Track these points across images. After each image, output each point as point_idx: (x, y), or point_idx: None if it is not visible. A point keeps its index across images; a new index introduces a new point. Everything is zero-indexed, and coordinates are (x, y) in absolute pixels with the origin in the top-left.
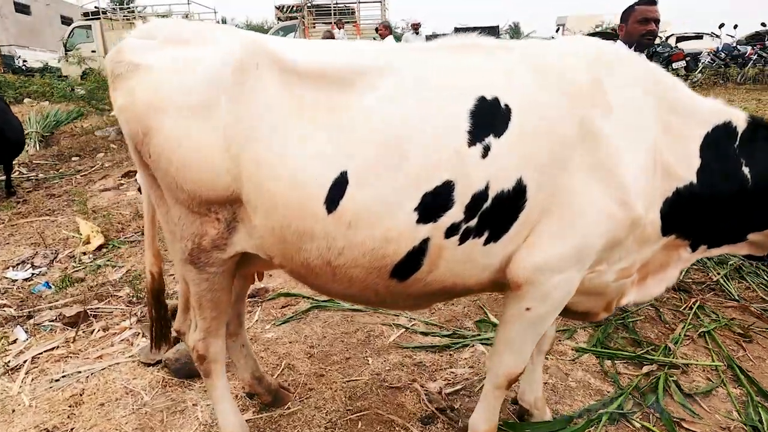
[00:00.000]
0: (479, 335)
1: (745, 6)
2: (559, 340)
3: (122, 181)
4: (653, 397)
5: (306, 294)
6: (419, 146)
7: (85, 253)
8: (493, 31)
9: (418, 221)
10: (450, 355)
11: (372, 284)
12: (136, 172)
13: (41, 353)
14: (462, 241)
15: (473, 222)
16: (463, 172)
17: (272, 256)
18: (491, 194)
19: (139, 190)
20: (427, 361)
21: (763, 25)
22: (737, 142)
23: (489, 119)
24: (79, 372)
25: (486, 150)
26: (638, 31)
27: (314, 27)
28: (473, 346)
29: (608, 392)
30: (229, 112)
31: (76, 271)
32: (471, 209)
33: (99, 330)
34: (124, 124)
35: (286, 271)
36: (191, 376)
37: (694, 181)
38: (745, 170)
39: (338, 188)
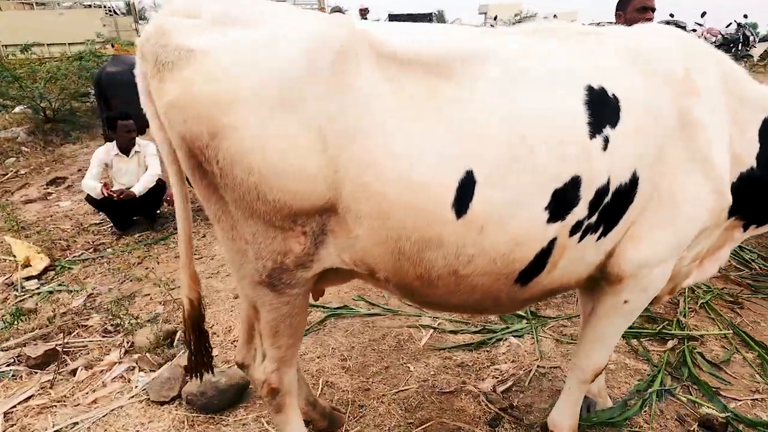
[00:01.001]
0: (508, 328)
1: None
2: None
3: (49, 190)
4: (686, 370)
5: (314, 303)
6: (545, 140)
7: (28, 278)
8: (426, 18)
9: (548, 221)
10: (488, 351)
11: (495, 292)
12: (64, 178)
13: (14, 407)
14: (581, 238)
15: (594, 218)
16: (587, 166)
17: (376, 270)
18: (611, 188)
19: (119, 199)
20: (468, 361)
21: (745, 17)
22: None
23: (602, 110)
24: (76, 423)
25: (606, 142)
26: (638, 19)
27: None
28: (506, 339)
29: (644, 370)
30: (325, 107)
31: (22, 300)
32: (593, 205)
33: (81, 369)
34: (179, 123)
35: (390, 286)
36: (220, 410)
37: (755, 165)
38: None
39: (466, 189)
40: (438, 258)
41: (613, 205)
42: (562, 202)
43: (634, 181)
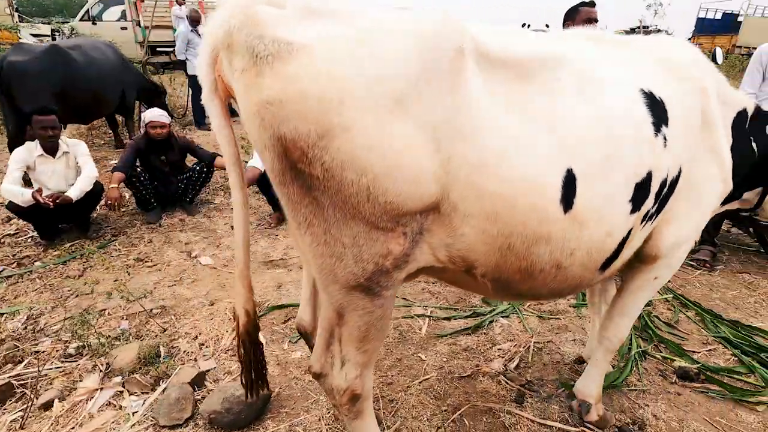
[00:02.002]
0: (494, 309)
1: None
2: (556, 302)
3: None
4: (650, 332)
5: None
6: (628, 138)
7: None
8: None
9: (631, 212)
10: (485, 333)
11: (582, 279)
12: None
13: None
14: (644, 226)
15: (655, 208)
16: (656, 161)
17: (476, 266)
18: (668, 180)
19: (54, 206)
20: (472, 344)
21: (641, 22)
22: (748, 123)
23: (657, 111)
24: None
25: (665, 140)
26: None
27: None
28: (497, 320)
29: None
30: (441, 106)
31: None
32: (657, 196)
33: (56, 401)
34: (279, 121)
35: (485, 280)
36: (247, 425)
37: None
38: (753, 145)
39: (569, 187)
40: (545, 253)
41: (666, 195)
42: (640, 194)
43: (680, 172)
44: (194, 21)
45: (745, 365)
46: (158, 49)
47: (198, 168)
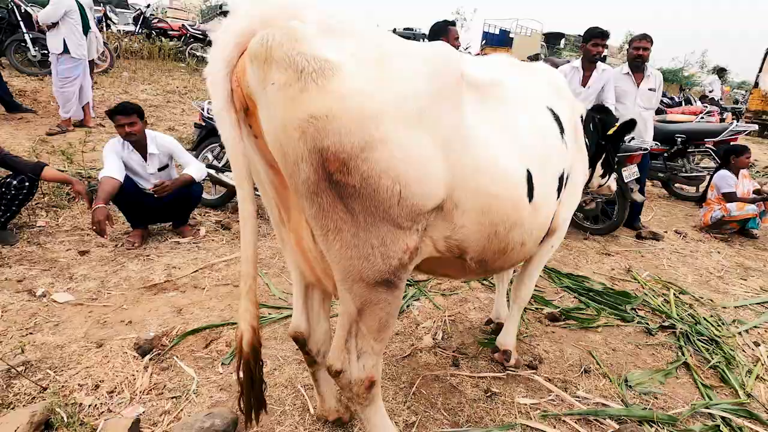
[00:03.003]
0: (405, 295)
1: None
2: (451, 281)
3: None
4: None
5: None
6: (552, 144)
7: None
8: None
9: (557, 199)
10: (407, 317)
11: (530, 253)
12: None
13: None
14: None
15: (561, 192)
16: (564, 160)
17: (468, 251)
18: (567, 173)
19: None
20: (400, 328)
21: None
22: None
23: (558, 122)
24: None
25: (566, 144)
26: (456, 46)
27: None
28: (412, 304)
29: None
30: (449, 121)
31: None
32: (563, 185)
33: None
34: (326, 135)
35: (471, 263)
36: None
37: None
38: (585, 139)
39: (530, 182)
40: (517, 235)
41: (566, 184)
42: (560, 185)
43: (573, 168)
44: None
45: (583, 303)
46: None
47: (15, 183)
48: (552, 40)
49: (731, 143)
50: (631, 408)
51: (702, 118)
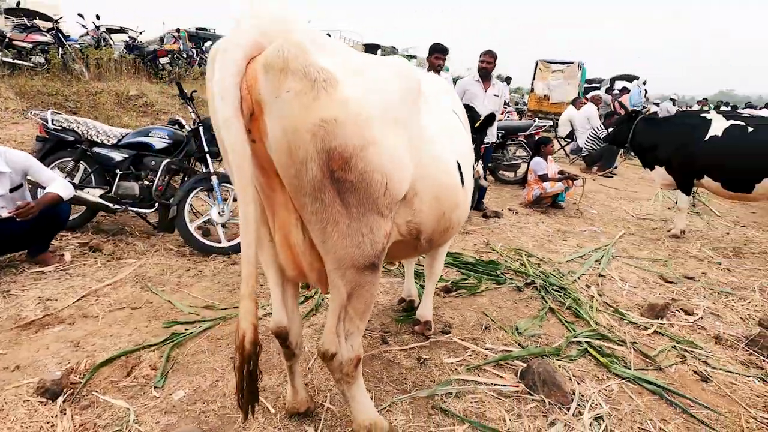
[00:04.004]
0: (317, 291)
1: None
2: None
3: None
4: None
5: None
6: (464, 140)
7: None
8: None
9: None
10: (325, 310)
11: (458, 231)
12: None
13: None
14: None
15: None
16: (468, 151)
17: (422, 231)
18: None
19: None
20: (321, 321)
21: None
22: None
23: (463, 122)
24: None
25: (466, 136)
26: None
27: None
28: (325, 297)
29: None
30: (415, 122)
31: None
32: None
33: None
34: (334, 137)
35: (422, 242)
36: None
37: None
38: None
39: (460, 171)
40: (457, 215)
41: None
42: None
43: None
44: None
45: (465, 275)
46: None
47: None
48: (370, 50)
49: (536, 136)
50: (528, 348)
51: (508, 117)
